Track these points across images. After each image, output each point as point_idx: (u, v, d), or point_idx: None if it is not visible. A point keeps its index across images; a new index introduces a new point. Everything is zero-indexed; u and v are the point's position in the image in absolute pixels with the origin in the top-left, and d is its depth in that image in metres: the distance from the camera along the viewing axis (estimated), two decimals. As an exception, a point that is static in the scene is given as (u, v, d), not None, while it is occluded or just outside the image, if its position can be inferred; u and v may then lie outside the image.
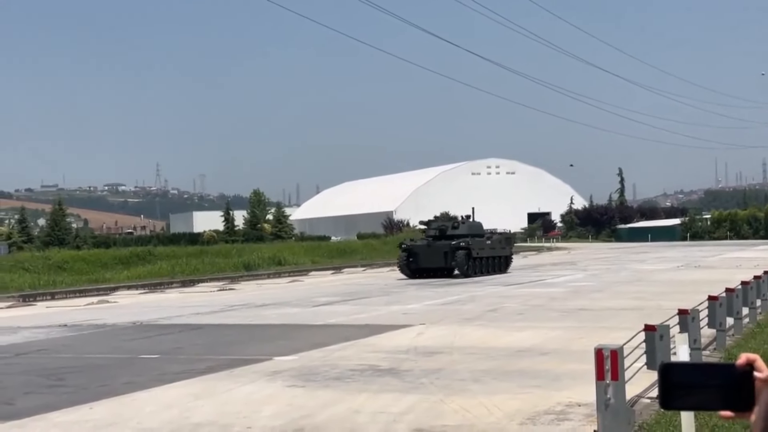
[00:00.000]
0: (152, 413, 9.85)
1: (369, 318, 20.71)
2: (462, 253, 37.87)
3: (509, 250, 42.72)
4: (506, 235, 45.39)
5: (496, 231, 46.03)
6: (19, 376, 13.31)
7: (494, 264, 40.29)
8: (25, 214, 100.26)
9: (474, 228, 40.99)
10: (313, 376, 12.09)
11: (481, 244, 39.55)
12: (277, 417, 9.43)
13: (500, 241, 41.85)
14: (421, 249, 38.89)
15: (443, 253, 38.18)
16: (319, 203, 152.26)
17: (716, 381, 1.75)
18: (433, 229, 40.73)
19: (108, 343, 17.82)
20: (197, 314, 23.63)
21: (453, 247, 38.12)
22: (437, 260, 38.42)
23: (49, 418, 9.78)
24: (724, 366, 1.75)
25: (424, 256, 38.62)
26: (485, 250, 39.67)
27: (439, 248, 38.54)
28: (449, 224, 41.07)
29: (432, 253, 38.52)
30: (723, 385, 1.74)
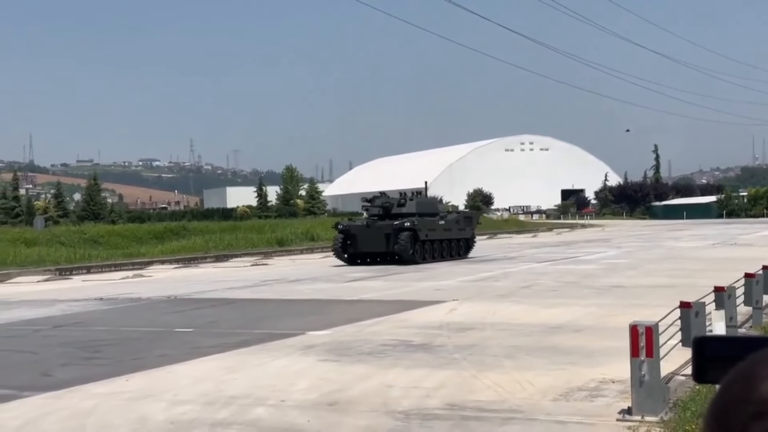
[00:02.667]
0: (187, 386, 9.93)
1: (401, 294, 20.74)
2: (406, 235, 32.06)
3: (470, 231, 36.76)
4: (466, 214, 39.26)
5: (456, 209, 39.98)
6: (56, 348, 13.48)
7: (450, 248, 34.77)
8: (61, 188, 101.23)
9: (425, 205, 35.23)
10: (346, 351, 12.13)
11: (432, 225, 33.84)
12: (310, 390, 9.47)
13: (457, 221, 35.95)
14: (359, 230, 33.21)
15: (384, 236, 32.51)
16: (351, 179, 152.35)
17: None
18: (375, 207, 34.82)
19: (143, 316, 17.98)
20: (231, 289, 23.78)
21: (396, 228, 32.39)
22: (377, 243, 32.66)
23: (85, 389, 9.89)
24: (760, 339, 1.71)
25: (362, 239, 32.92)
26: (437, 231, 34.07)
27: (379, 229, 32.85)
28: (395, 201, 34.75)
29: (371, 235, 32.82)
30: None
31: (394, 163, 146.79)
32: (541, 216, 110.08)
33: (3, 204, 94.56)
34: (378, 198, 35.41)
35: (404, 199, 34.64)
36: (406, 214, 33.37)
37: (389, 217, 33.57)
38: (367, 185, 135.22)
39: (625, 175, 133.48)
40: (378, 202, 34.94)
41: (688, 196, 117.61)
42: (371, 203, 35.39)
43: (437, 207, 36.68)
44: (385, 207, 34.34)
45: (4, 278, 30.30)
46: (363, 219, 35.34)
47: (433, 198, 37.14)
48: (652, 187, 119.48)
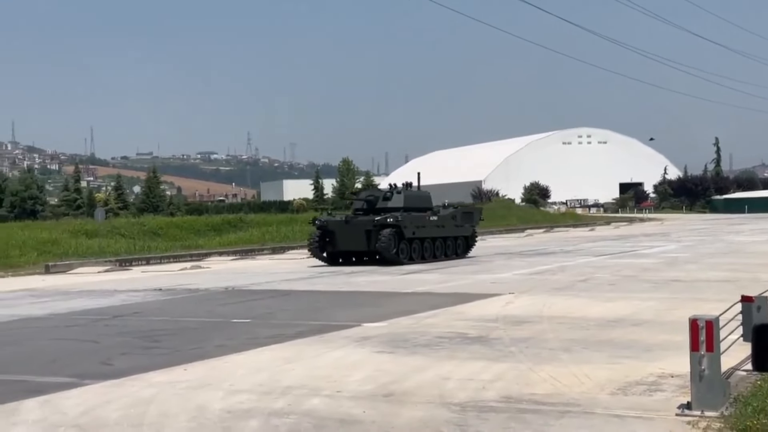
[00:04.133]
0: (244, 376, 10.01)
1: (457, 286, 20.69)
2: (388, 232, 28.63)
3: (470, 228, 33.06)
4: (465, 209, 34.98)
5: (452, 204, 35.47)
6: (116, 337, 13.68)
7: (444, 246, 31.39)
8: (121, 181, 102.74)
9: (415, 199, 31.56)
10: (401, 343, 12.13)
11: (420, 221, 30.28)
12: (366, 382, 9.49)
13: (453, 217, 32.12)
14: (337, 226, 29.83)
15: (365, 232, 29.22)
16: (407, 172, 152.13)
17: None
18: (360, 200, 31.80)
19: (201, 307, 18.17)
20: (287, 280, 23.93)
21: (377, 225, 29.01)
22: (357, 241, 29.41)
23: (145, 378, 10.02)
24: None
25: (341, 236, 29.67)
26: (427, 228, 30.55)
27: (359, 226, 29.50)
28: (380, 194, 31.44)
29: (350, 231, 29.53)
30: None
31: (451, 156, 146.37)
32: (599, 210, 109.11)
33: (65, 196, 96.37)
34: (364, 190, 33.06)
35: (391, 192, 31.30)
36: (391, 209, 30.02)
37: (374, 212, 30.19)
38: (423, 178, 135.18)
39: (685, 169, 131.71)
40: (363, 195, 32.29)
41: (750, 189, 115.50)
42: (357, 196, 32.65)
43: (430, 201, 32.64)
44: (369, 201, 31.09)
45: (65, 269, 30.85)
46: (342, 214, 32.09)
47: (425, 192, 33.15)
48: (712, 180, 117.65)
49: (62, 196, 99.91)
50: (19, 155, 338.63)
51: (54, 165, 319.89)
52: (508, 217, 72.08)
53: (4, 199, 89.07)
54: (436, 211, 31.71)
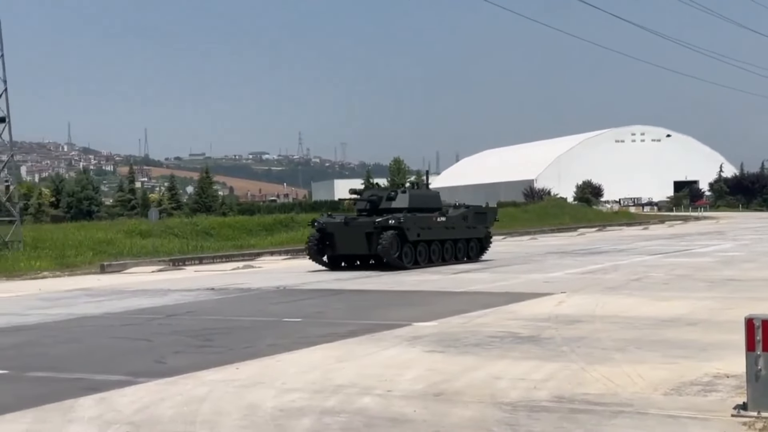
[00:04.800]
0: (296, 374, 10.06)
1: (509, 285, 20.59)
2: (390, 234, 26.91)
3: (483, 230, 31.01)
4: (477, 209, 32.04)
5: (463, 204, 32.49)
6: (169, 336, 13.83)
7: (454, 249, 29.57)
8: (175, 182, 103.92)
9: (421, 199, 29.68)
10: (453, 342, 12.10)
11: (426, 222, 28.44)
12: (417, 381, 9.49)
13: (464, 218, 30.17)
14: (336, 228, 28.05)
15: (365, 235, 27.53)
16: (458, 171, 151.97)
17: None
18: (363, 201, 29.72)
19: (253, 306, 18.31)
20: (338, 280, 24.02)
21: (378, 226, 27.31)
22: (357, 244, 27.75)
23: (198, 376, 10.12)
24: None
25: (340, 239, 27.92)
26: (434, 230, 28.73)
27: (359, 227, 27.82)
28: (384, 194, 29.66)
29: (350, 234, 27.77)
30: None
31: (502, 154, 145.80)
32: (653, 208, 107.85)
33: (120, 197, 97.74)
34: (367, 190, 30.84)
35: (395, 191, 29.69)
36: (395, 210, 28.21)
37: (377, 213, 28.48)
38: (474, 177, 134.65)
39: (741, 167, 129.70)
40: (366, 195, 30.14)
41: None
42: (360, 196, 30.49)
43: (438, 201, 30.80)
44: (372, 201, 29.22)
45: (120, 268, 31.28)
46: (342, 215, 30.32)
47: (433, 191, 31.41)
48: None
49: (117, 196, 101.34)
50: (75, 157, 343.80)
51: (109, 166, 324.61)
52: (560, 216, 71.64)
53: (61, 200, 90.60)
54: (444, 212, 29.77)
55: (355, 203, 30.78)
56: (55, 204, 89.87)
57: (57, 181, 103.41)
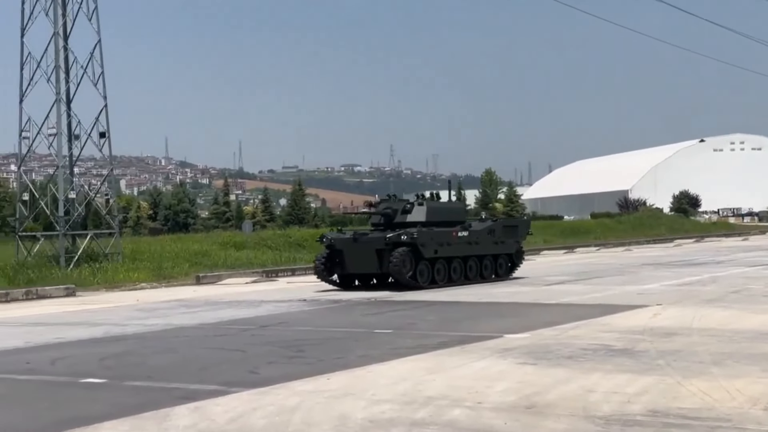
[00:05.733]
0: (386, 386, 10.08)
1: (603, 297, 20.28)
2: (402, 251, 24.48)
3: (514, 244, 28.47)
4: (506, 222, 30.12)
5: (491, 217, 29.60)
6: (262, 346, 14.00)
7: (479, 266, 26.90)
8: (268, 194, 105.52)
9: (439, 212, 27.10)
10: (544, 354, 11.97)
11: (444, 237, 25.73)
12: (508, 393, 9.41)
13: (490, 232, 27.47)
14: (345, 245, 25.74)
15: (375, 252, 25.15)
16: (551, 182, 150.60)
17: None
18: (378, 215, 27.06)
19: (344, 317, 18.42)
20: (429, 291, 23.98)
21: (389, 243, 24.88)
22: (367, 262, 25.39)
23: (289, 386, 10.21)
24: None
25: (349, 256, 25.63)
26: (454, 246, 26.01)
27: (368, 244, 25.42)
28: (399, 207, 26.84)
29: (359, 251, 25.41)
30: None
31: (596, 164, 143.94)
32: (753, 218, 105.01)
33: (215, 209, 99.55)
34: (383, 202, 27.74)
35: (411, 204, 26.85)
36: (410, 224, 25.91)
37: (392, 227, 26.06)
38: (567, 188, 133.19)
39: None
40: (381, 208, 27.13)
41: None
42: (375, 208, 27.74)
43: (462, 214, 28.62)
44: (386, 214, 26.54)
45: (215, 280, 31.81)
46: (352, 230, 28.36)
47: (456, 203, 28.96)
48: None
49: (212, 209, 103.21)
50: (172, 170, 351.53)
51: (205, 179, 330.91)
52: (656, 227, 70.40)
53: (159, 212, 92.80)
54: (467, 226, 27.13)
55: (369, 217, 28.17)
56: (153, 217, 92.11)
57: (155, 194, 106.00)
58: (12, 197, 70.43)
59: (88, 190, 39.77)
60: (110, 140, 36.33)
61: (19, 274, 31.02)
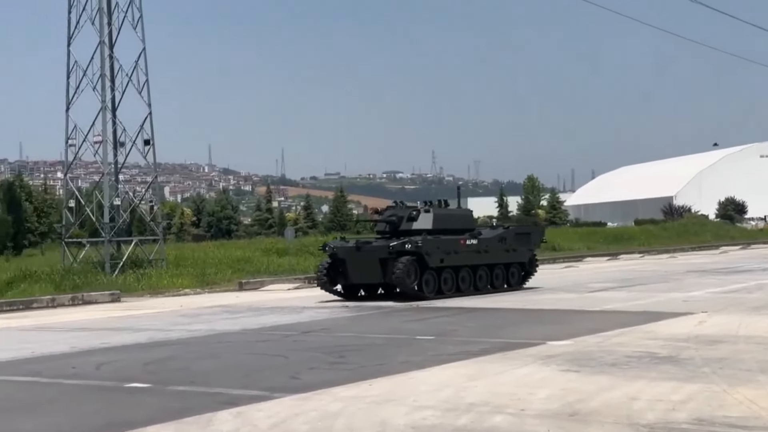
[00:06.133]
0: (428, 392, 10.06)
1: (647, 304, 20.07)
2: (406, 260, 23.42)
3: (527, 252, 27.24)
4: (518, 229, 28.54)
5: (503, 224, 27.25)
6: (304, 352, 14.04)
7: (488, 276, 25.73)
8: (310, 201, 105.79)
9: (447, 219, 25.98)
10: (588, 362, 11.87)
11: (452, 246, 24.63)
12: (551, 400, 9.34)
13: (501, 240, 26.33)
14: (348, 254, 24.64)
15: (378, 261, 24.05)
16: (594, 188, 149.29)
17: None
18: (383, 222, 26.08)
19: (386, 324, 18.43)
20: (471, 298, 23.92)
21: (393, 251, 23.78)
22: (371, 272, 24.25)
23: (331, 392, 10.23)
24: None
25: (352, 266, 24.53)
26: (462, 254, 24.92)
27: (371, 253, 24.28)
28: (405, 214, 25.71)
29: (362, 260, 24.35)
30: None
31: (640, 171, 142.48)
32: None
33: (258, 216, 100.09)
34: (389, 209, 26.72)
35: (417, 211, 25.78)
36: (416, 231, 24.76)
37: (397, 235, 24.93)
38: (610, 194, 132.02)
39: None
40: (386, 215, 26.12)
41: None
42: (380, 215, 26.73)
43: (471, 221, 27.57)
44: (392, 222, 25.52)
45: (257, 286, 31.99)
46: (355, 238, 27.50)
47: (464, 210, 28.03)
48: None
49: (255, 215, 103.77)
50: (216, 177, 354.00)
51: (247, 186, 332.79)
52: (702, 234, 69.63)
53: (202, 219, 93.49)
54: (476, 234, 26.01)
55: (375, 225, 27.14)
56: (197, 223, 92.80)
57: (198, 201, 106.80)
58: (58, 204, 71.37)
59: (132, 197, 40.25)
60: (154, 147, 36.72)
61: (65, 280, 31.46)
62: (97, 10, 35.26)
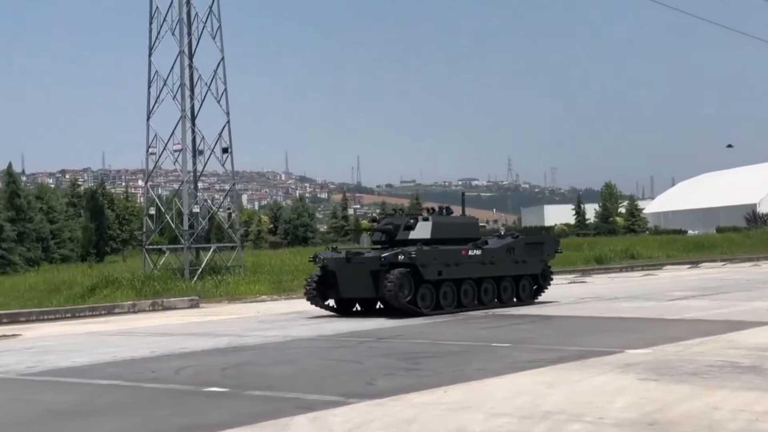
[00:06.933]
0: (504, 399, 9.98)
1: (729, 313, 19.64)
2: (399, 273, 21.39)
3: (538, 265, 24.99)
4: (528, 239, 26.00)
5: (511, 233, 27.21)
6: (379, 358, 14.06)
7: (494, 290, 23.67)
8: (386, 208, 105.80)
9: (447, 228, 23.82)
10: (667, 370, 11.65)
11: (451, 257, 22.52)
12: (629, 409, 9.19)
13: (509, 250, 24.06)
14: (338, 266, 22.74)
15: (370, 274, 22.09)
16: (674, 196, 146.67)
17: None
18: (379, 231, 23.95)
19: (461, 331, 18.35)
20: (548, 305, 23.69)
21: (385, 263, 21.74)
22: (362, 286, 22.30)
23: (406, 398, 10.22)
24: None
25: (343, 279, 22.61)
26: (464, 266, 22.84)
27: (362, 265, 22.35)
28: (402, 222, 23.60)
29: (352, 273, 22.44)
30: None
31: (723, 177, 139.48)
32: None
33: (333, 223, 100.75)
34: (387, 217, 25.01)
35: (414, 218, 23.69)
36: (413, 241, 22.71)
37: (394, 245, 22.84)
38: (691, 201, 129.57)
39: None
40: (383, 224, 23.99)
41: None
42: (377, 224, 24.74)
43: (475, 230, 25.23)
44: (387, 231, 23.46)
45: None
46: (345, 248, 25.51)
47: (468, 217, 25.62)
48: None
49: (330, 223, 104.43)
50: (292, 185, 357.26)
51: (323, 193, 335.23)
52: (787, 242, 67.92)
53: (279, 226, 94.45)
54: (480, 244, 23.86)
55: (371, 235, 25.23)
56: (273, 230, 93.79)
57: (275, 208, 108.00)
58: (139, 212, 72.88)
59: (211, 205, 40.86)
60: (232, 156, 37.26)
61: (145, 286, 32.08)
62: (177, 21, 35.95)
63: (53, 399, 11.32)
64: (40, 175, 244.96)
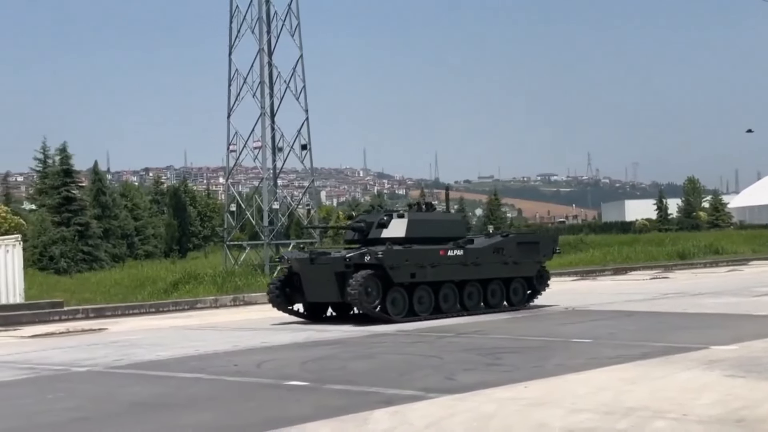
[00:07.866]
0: (585, 395, 9.88)
1: (818, 309, 19.14)
2: (363, 276, 19.26)
3: (533, 266, 22.64)
4: (520, 238, 23.17)
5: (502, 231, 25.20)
6: (459, 353, 14.05)
7: (479, 294, 21.48)
8: (464, 204, 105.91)
9: (426, 226, 21.32)
10: (754, 367, 11.40)
11: (427, 258, 20.24)
12: (714, 406, 9.02)
13: (496, 250, 21.71)
14: (302, 267, 20.70)
15: (335, 276, 19.82)
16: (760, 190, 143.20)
17: None
18: (351, 230, 21.93)
19: (541, 326, 18.22)
20: (629, 301, 23.36)
21: (350, 264, 19.61)
22: (327, 289, 20.10)
23: (486, 393, 10.19)
24: None
25: (307, 281, 20.54)
26: (442, 267, 20.46)
27: (326, 266, 20.14)
28: (376, 219, 21.44)
29: (318, 275, 20.27)
30: None
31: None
32: None
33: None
34: (366, 213, 23.22)
35: (389, 215, 21.45)
36: (385, 240, 20.35)
37: (367, 245, 20.59)
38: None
39: None
40: (358, 221, 22.09)
41: None
42: (352, 222, 22.77)
43: (460, 228, 23.15)
44: (360, 229, 21.36)
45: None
46: (312, 249, 23.69)
47: (451, 214, 22.85)
48: None
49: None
50: (370, 181, 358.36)
51: (401, 190, 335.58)
52: None
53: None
54: (462, 243, 21.41)
55: (345, 232, 23.26)
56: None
57: (353, 204, 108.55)
58: (220, 208, 74.01)
59: (290, 201, 41.25)
60: (311, 152, 37.58)
61: (227, 282, 32.53)
62: (257, 19, 36.40)
63: (139, 391, 11.58)
64: (125, 173, 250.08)
